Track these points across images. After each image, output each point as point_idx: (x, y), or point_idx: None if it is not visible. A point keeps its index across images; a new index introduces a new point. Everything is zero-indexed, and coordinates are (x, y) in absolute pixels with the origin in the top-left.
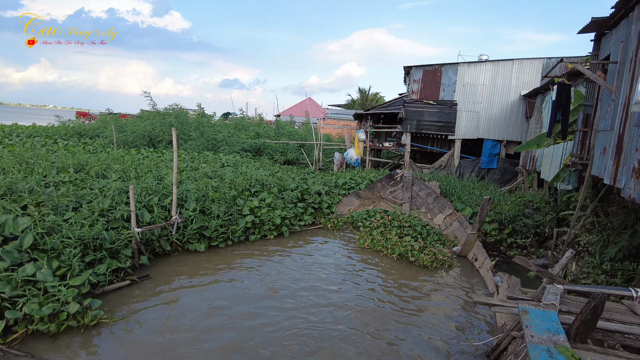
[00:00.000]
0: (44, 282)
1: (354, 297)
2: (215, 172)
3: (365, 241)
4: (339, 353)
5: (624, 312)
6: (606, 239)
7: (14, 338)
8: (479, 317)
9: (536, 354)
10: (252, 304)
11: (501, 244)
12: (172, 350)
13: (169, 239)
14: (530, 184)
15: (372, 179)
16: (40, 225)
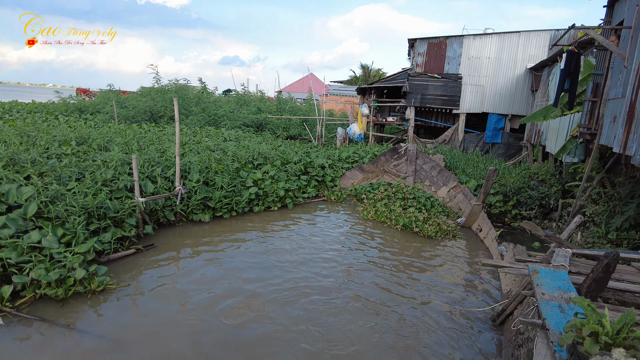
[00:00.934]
0: (49, 248)
1: (357, 265)
2: (218, 146)
3: (369, 213)
4: (341, 319)
5: (634, 273)
6: (612, 209)
7: (23, 302)
8: (484, 284)
9: (548, 309)
10: (256, 271)
11: (505, 216)
12: (178, 314)
13: (173, 210)
14: (535, 157)
15: (375, 153)
16: (44, 194)
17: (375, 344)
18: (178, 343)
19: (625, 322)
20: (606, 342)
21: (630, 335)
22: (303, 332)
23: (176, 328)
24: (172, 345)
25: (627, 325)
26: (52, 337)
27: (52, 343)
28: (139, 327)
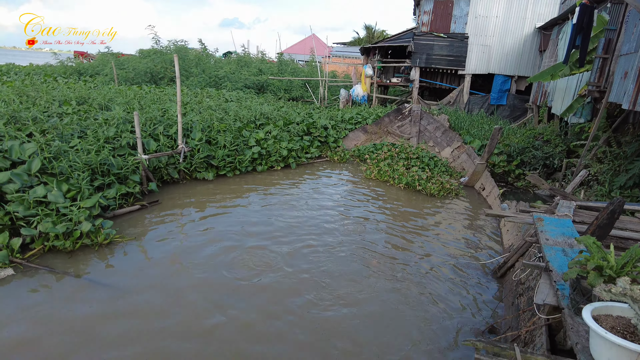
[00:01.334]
0: (55, 203)
1: (361, 222)
2: (219, 106)
3: (372, 172)
4: (346, 270)
5: (637, 223)
6: (617, 167)
7: (32, 254)
8: (486, 240)
9: (551, 253)
10: (260, 226)
11: (509, 175)
12: (185, 266)
13: (176, 168)
14: (541, 118)
15: (379, 114)
16: (47, 151)
17: (380, 293)
18: (186, 292)
19: (631, 257)
20: (610, 276)
21: (635, 270)
22: (307, 281)
23: (183, 279)
24: (181, 294)
25: (632, 260)
26: (62, 287)
27: (62, 292)
28: (146, 278)
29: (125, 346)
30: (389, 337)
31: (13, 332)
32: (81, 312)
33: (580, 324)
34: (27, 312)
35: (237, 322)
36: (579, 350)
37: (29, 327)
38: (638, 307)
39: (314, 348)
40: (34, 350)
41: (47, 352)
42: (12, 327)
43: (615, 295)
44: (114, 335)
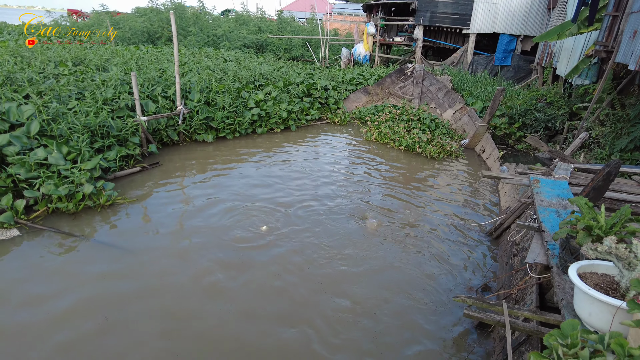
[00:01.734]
0: (56, 165)
1: (360, 184)
2: (218, 66)
3: (372, 134)
4: (347, 228)
5: (633, 185)
6: (619, 130)
7: (37, 215)
8: (483, 202)
9: (545, 214)
10: (259, 189)
11: (510, 138)
12: (185, 225)
13: (176, 129)
14: (545, 79)
15: (381, 74)
16: (44, 113)
17: (378, 253)
18: (188, 252)
19: (620, 217)
20: (598, 235)
21: (623, 230)
22: (308, 241)
23: (186, 239)
24: (183, 254)
25: (621, 220)
26: (67, 247)
27: (68, 252)
28: (149, 238)
29: (130, 303)
30: (385, 294)
31: (24, 288)
32: (87, 271)
33: (566, 281)
34: (35, 270)
35: (238, 281)
36: (564, 306)
37: (37, 285)
38: (622, 265)
39: (313, 304)
40: (45, 306)
41: (58, 308)
42: (22, 284)
43: (600, 253)
44: (119, 293)
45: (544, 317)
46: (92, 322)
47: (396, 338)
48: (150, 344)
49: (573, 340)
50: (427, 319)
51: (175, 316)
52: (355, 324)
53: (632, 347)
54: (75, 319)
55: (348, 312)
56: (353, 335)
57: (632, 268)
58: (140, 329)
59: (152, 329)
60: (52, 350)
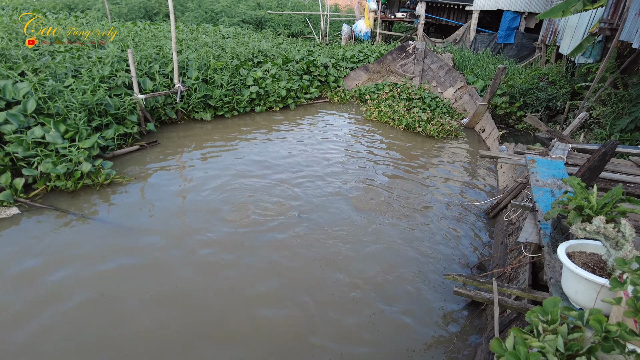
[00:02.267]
0: (54, 144)
1: (357, 164)
2: (216, 43)
3: (372, 113)
4: (346, 206)
5: (630, 166)
6: (620, 110)
7: (36, 194)
8: (482, 181)
9: (539, 194)
10: (258, 168)
11: (510, 117)
12: (184, 204)
13: (174, 108)
14: (548, 58)
15: (382, 52)
16: (41, 90)
17: (376, 231)
18: (187, 231)
19: (612, 197)
20: (589, 215)
21: (614, 210)
22: (306, 220)
23: (184, 218)
24: (182, 232)
25: (612, 200)
26: (66, 224)
27: (67, 229)
28: (148, 217)
29: (127, 280)
30: (381, 270)
31: (26, 263)
32: (86, 248)
33: (556, 260)
34: (34, 247)
35: (234, 257)
36: (552, 284)
37: (40, 260)
38: (609, 244)
39: (311, 280)
40: (42, 282)
41: (55, 284)
42: (23, 259)
43: (589, 233)
44: (117, 270)
45: (532, 295)
46: (89, 296)
47: (390, 311)
48: (144, 318)
49: (553, 317)
50: (422, 295)
51: (171, 293)
52: (352, 299)
53: (610, 323)
54: (73, 294)
55: (345, 285)
56: (347, 307)
57: (619, 247)
58: (136, 305)
59: (148, 304)
60: (47, 323)
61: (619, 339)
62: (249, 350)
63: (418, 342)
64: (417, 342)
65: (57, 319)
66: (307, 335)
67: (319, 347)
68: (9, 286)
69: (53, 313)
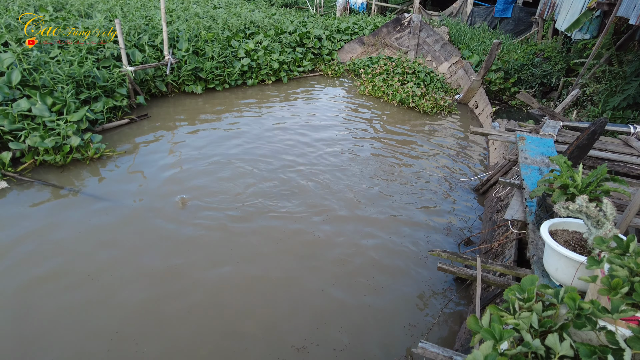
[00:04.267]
0: (41, 117)
1: (350, 139)
2: (207, 13)
3: (366, 88)
4: (339, 183)
5: (618, 144)
6: (614, 87)
7: (24, 168)
8: (473, 158)
9: (527, 172)
10: (250, 142)
11: (504, 93)
12: (175, 177)
13: (164, 80)
14: (545, 33)
15: (377, 24)
16: (25, 61)
17: (363, 207)
18: (179, 204)
19: (596, 176)
20: (573, 194)
21: (598, 189)
22: (297, 189)
23: (177, 191)
24: (174, 206)
25: (597, 179)
26: (55, 199)
27: (57, 203)
28: (138, 191)
29: (117, 255)
30: (371, 244)
31: (13, 233)
32: (75, 223)
33: (539, 238)
34: (22, 221)
35: (228, 231)
36: (535, 261)
37: (23, 236)
38: (590, 223)
39: (308, 255)
40: (37, 252)
41: (49, 253)
42: (12, 230)
43: (572, 211)
44: (106, 244)
45: (515, 272)
46: (80, 269)
47: (376, 285)
48: (133, 292)
49: (529, 295)
50: (410, 269)
51: (160, 268)
52: (344, 273)
53: (585, 301)
54: (63, 270)
55: (335, 263)
56: (332, 277)
57: (600, 226)
58: (125, 279)
59: (137, 278)
60: (41, 296)
61: (591, 316)
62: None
63: (402, 316)
64: (401, 317)
65: (43, 293)
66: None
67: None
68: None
69: (45, 290)
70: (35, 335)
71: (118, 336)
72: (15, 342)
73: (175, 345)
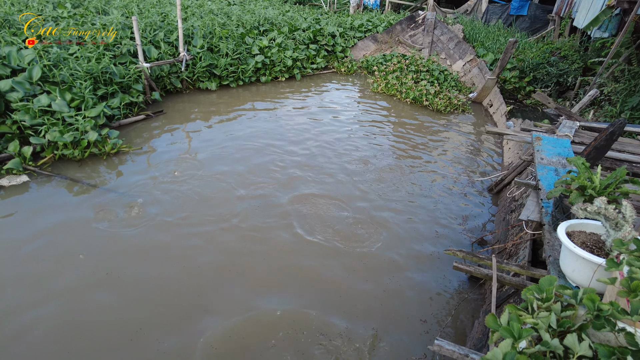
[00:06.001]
0: (60, 112)
1: (363, 137)
2: (221, 10)
3: (379, 85)
4: (352, 179)
5: (637, 145)
6: (633, 87)
7: (44, 162)
8: (488, 156)
9: (543, 172)
10: (263, 137)
11: (519, 92)
12: (192, 173)
13: (179, 77)
14: (562, 31)
15: (391, 21)
16: (45, 58)
17: (374, 207)
18: (195, 199)
19: (615, 178)
20: (591, 195)
21: (616, 191)
22: (311, 186)
23: (193, 188)
24: (189, 200)
25: (616, 181)
26: (74, 193)
27: (76, 197)
28: (155, 186)
29: (133, 249)
30: (385, 241)
31: (35, 225)
32: (92, 217)
33: (556, 239)
34: (48, 211)
35: (244, 225)
36: (551, 262)
37: (44, 229)
38: (609, 225)
39: (322, 251)
40: (58, 245)
41: (69, 247)
42: (34, 222)
43: (590, 213)
44: (122, 238)
45: (531, 272)
46: (96, 264)
47: (391, 283)
48: (150, 287)
49: (548, 295)
50: (422, 266)
51: (178, 258)
52: (357, 278)
53: (603, 302)
54: (80, 262)
55: (343, 269)
56: (349, 280)
57: (619, 228)
58: (142, 273)
59: (154, 271)
60: (58, 289)
61: (610, 318)
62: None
63: (416, 313)
64: (415, 313)
65: (70, 284)
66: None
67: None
68: (18, 254)
69: (71, 278)
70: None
71: (140, 334)
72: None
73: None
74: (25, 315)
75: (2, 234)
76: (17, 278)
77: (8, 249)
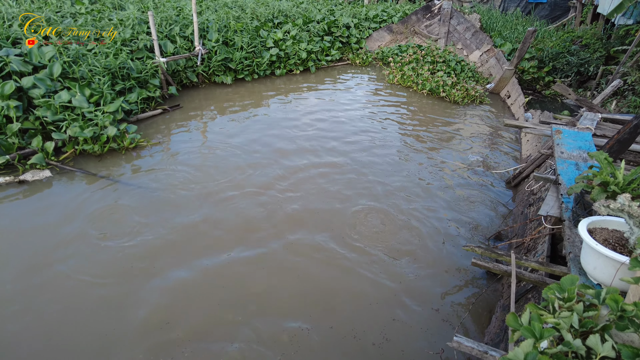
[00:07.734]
0: (80, 108)
1: (379, 129)
2: (236, 3)
3: (395, 77)
4: (372, 169)
5: None
6: None
7: (65, 157)
8: (506, 149)
9: (564, 167)
10: (279, 130)
11: (538, 83)
12: (209, 167)
13: (194, 71)
14: (584, 18)
15: (406, 11)
16: (65, 54)
17: (390, 198)
18: (213, 192)
19: (639, 174)
20: (614, 192)
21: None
22: (328, 180)
23: (210, 182)
24: (208, 194)
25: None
26: (97, 187)
27: (98, 191)
28: (173, 180)
29: (154, 242)
30: (402, 234)
31: (59, 218)
32: (114, 210)
33: (577, 235)
34: (71, 205)
35: (264, 221)
36: (571, 258)
37: (69, 222)
38: (633, 222)
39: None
40: (82, 237)
41: (94, 239)
42: (58, 214)
43: (613, 210)
44: (143, 232)
45: (550, 269)
46: (125, 254)
47: (409, 275)
48: (175, 276)
49: (570, 295)
50: (439, 260)
51: (199, 253)
52: (372, 262)
53: (627, 302)
54: (105, 254)
55: (369, 238)
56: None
57: None
58: (160, 264)
59: (171, 261)
60: (83, 282)
61: (634, 318)
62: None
63: (434, 306)
64: (433, 307)
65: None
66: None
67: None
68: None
69: (90, 273)
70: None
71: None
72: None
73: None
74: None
75: (36, 220)
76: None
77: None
